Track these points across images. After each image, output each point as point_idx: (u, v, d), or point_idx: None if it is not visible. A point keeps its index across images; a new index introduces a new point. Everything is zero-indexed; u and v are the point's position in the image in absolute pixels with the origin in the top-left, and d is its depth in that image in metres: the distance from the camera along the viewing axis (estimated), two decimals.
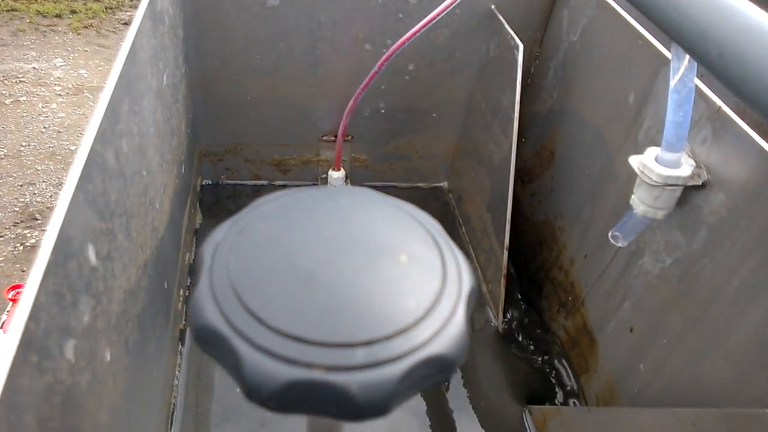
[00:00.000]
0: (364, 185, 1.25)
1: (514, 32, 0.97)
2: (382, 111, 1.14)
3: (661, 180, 0.73)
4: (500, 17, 1.01)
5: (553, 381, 0.99)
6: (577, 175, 0.97)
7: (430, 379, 0.38)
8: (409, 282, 0.39)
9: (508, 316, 1.07)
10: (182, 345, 0.92)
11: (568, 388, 0.97)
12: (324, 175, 1.22)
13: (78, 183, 0.48)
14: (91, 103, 2.77)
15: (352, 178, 1.23)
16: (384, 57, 0.97)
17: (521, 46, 0.94)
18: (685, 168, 0.74)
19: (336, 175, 1.17)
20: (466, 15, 1.05)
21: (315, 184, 1.24)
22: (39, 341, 0.41)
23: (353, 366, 0.35)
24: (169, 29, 0.87)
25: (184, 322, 0.96)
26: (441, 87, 1.13)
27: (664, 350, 0.78)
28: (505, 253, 0.99)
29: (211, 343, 0.36)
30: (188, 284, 1.01)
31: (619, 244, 0.83)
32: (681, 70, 0.69)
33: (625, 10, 0.87)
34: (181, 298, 0.96)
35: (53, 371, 0.43)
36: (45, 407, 0.42)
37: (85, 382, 0.49)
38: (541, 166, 1.06)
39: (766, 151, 0.64)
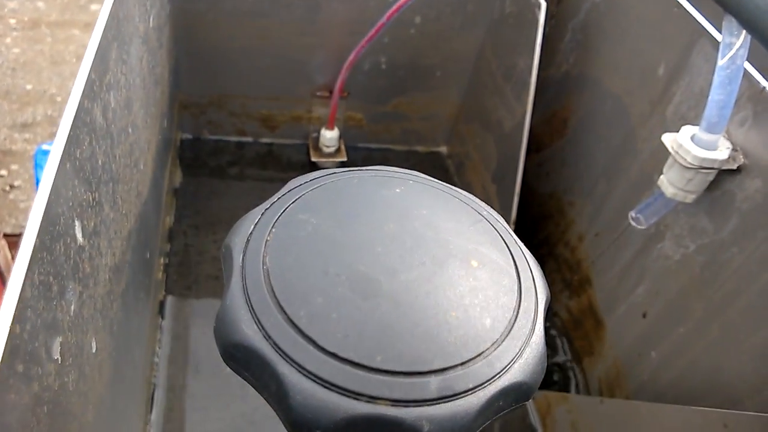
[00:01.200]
0: (357, 147, 1.17)
1: None
2: (383, 66, 1.06)
3: (696, 162, 0.68)
4: None
5: (553, 361, 0.96)
6: (593, 147, 0.91)
7: (504, 409, 0.32)
8: (482, 294, 0.33)
9: None
10: (162, 318, 0.85)
11: (569, 370, 0.94)
12: (315, 134, 1.14)
13: (65, 148, 0.39)
14: (50, 39, 2.58)
15: (344, 139, 1.15)
16: (393, 8, 0.88)
17: (543, 5, 0.87)
18: (722, 150, 0.69)
19: (329, 134, 1.09)
20: None
21: (305, 144, 1.16)
22: (25, 345, 0.33)
23: (425, 399, 0.29)
24: None
25: (164, 293, 0.88)
26: (448, 43, 1.05)
27: (680, 339, 0.75)
28: (511, 227, 0.94)
29: (246, 365, 0.29)
30: (168, 251, 0.93)
31: (640, 227, 0.78)
32: (735, 48, 0.62)
33: None
34: (161, 267, 0.88)
35: (39, 378, 0.36)
36: (32, 421, 0.35)
37: (71, 382, 0.42)
38: (551, 135, 1.00)
39: None
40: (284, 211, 0.34)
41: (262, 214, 0.34)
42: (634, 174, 0.83)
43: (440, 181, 0.39)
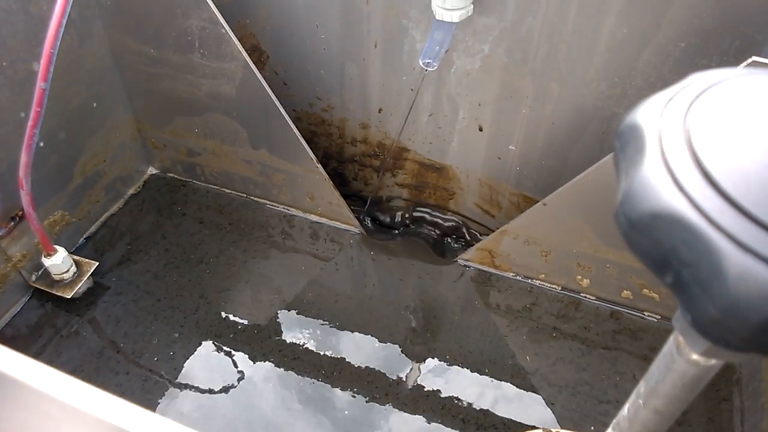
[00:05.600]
0: None
1: None
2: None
3: None
4: None
5: (441, 232, 0.98)
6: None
7: None
8: None
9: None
10: None
11: (450, 220, 0.98)
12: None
13: None
14: None
15: None
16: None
17: None
18: None
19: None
20: None
21: None
22: None
23: None
24: None
25: None
26: None
27: (531, 117, 0.81)
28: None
29: (664, 237, 0.24)
30: None
31: (433, 68, 0.77)
32: None
33: None
34: None
35: None
36: None
37: None
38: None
39: None
40: (701, 94, 0.28)
41: (671, 98, 0.28)
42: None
43: None
